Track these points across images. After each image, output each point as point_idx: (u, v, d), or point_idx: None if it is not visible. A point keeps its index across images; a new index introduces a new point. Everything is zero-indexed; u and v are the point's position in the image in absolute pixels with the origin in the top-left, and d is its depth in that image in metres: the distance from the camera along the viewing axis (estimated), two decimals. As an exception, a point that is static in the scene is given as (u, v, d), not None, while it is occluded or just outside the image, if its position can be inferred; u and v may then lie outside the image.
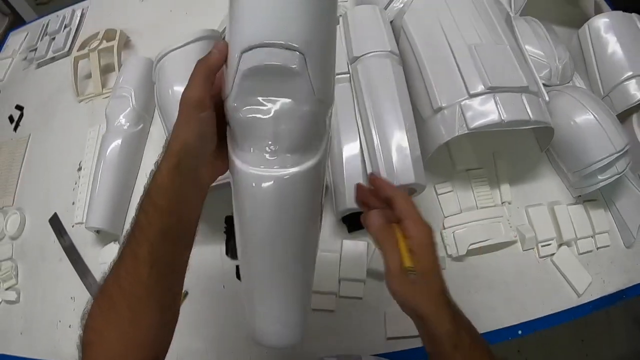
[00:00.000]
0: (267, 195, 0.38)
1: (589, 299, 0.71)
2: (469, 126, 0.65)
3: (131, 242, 0.38)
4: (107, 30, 1.02)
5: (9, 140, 0.98)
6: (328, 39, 0.37)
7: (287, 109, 0.36)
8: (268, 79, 0.35)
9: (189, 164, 0.38)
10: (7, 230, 0.84)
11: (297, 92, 0.35)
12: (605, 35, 0.86)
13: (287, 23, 0.34)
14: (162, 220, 0.37)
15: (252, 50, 0.34)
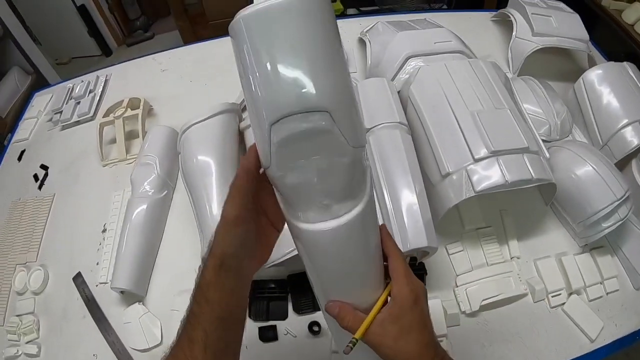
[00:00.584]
0: (335, 244, 0.41)
1: (602, 344, 0.72)
2: (475, 189, 0.69)
3: (187, 328, 0.43)
4: (132, 99, 1.07)
5: (33, 198, 1.01)
6: (345, 86, 0.38)
7: (328, 165, 0.38)
8: (302, 142, 0.36)
9: (231, 265, 0.42)
10: (30, 285, 0.85)
11: (333, 147, 0.37)
12: (599, 87, 0.91)
13: (306, 89, 0.35)
14: (212, 310, 0.42)
15: (280, 122, 0.35)
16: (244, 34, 0.35)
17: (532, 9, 1.07)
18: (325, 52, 0.36)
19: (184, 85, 1.20)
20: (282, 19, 0.34)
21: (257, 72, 0.36)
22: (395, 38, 0.98)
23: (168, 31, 3.24)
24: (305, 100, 0.35)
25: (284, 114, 0.35)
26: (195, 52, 1.31)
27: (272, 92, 0.35)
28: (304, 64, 0.35)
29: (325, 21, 0.36)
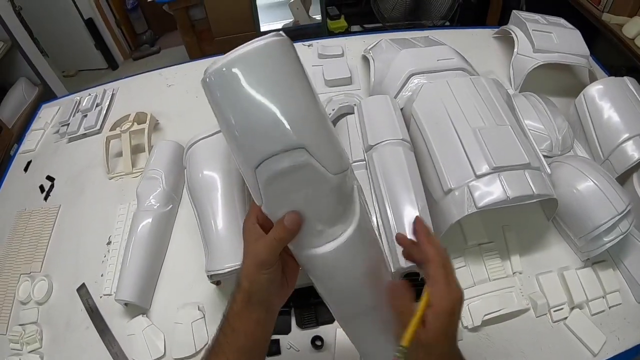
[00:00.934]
0: (335, 264, 0.44)
1: (605, 358, 0.72)
2: (477, 205, 0.69)
3: (210, 356, 0.45)
4: (138, 113, 1.09)
5: (39, 209, 1.02)
6: (317, 119, 0.40)
7: (314, 194, 0.40)
8: (286, 178, 0.39)
9: (260, 299, 0.44)
10: (33, 295, 0.86)
11: (314, 178, 0.40)
12: (600, 101, 0.92)
13: (279, 131, 0.37)
14: (237, 340, 0.43)
15: (262, 165, 0.38)
16: (213, 88, 0.39)
17: (533, 26, 1.09)
18: (292, 93, 0.39)
19: (190, 100, 1.21)
20: (246, 70, 0.37)
21: (232, 122, 0.39)
22: (398, 56, 0.99)
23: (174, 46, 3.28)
24: (281, 142, 0.38)
25: (263, 157, 0.38)
26: (201, 68, 1.27)
27: (248, 139, 0.38)
28: (272, 108, 0.37)
29: (287, 63, 0.39)
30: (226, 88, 0.38)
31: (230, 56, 0.38)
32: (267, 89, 0.37)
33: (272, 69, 0.38)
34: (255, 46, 0.38)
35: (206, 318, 0.78)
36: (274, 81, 0.38)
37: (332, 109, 1.02)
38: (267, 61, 0.38)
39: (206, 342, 0.75)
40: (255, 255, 0.43)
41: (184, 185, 0.91)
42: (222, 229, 0.72)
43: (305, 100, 0.39)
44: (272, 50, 0.38)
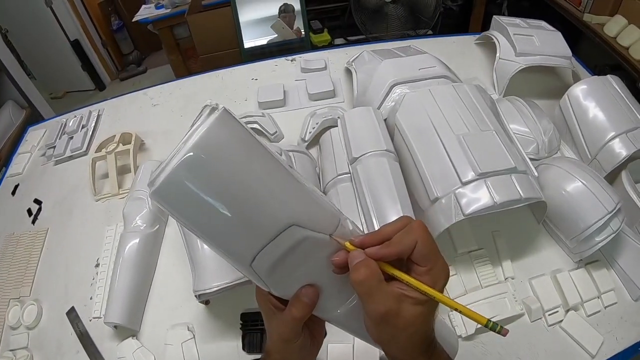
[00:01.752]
0: (352, 318, 0.43)
1: (603, 359, 0.71)
2: (464, 212, 0.69)
3: None
4: (123, 134, 1.08)
5: (27, 233, 1.01)
6: (295, 190, 0.38)
7: (320, 262, 0.39)
8: (286, 260, 0.36)
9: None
10: (23, 320, 0.84)
11: (314, 246, 0.38)
12: (584, 101, 0.92)
13: (261, 221, 0.34)
14: None
15: (256, 260, 0.36)
16: (168, 203, 0.34)
17: (514, 30, 1.10)
18: (259, 174, 0.35)
19: (175, 119, 1.21)
20: (199, 170, 0.33)
21: (206, 230, 0.35)
22: (379, 66, 1.00)
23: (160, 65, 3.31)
24: (268, 230, 0.35)
25: (255, 253, 0.35)
26: (186, 87, 1.33)
27: (231, 240, 0.35)
28: (245, 200, 0.34)
29: (238, 142, 0.34)
30: (184, 197, 0.33)
31: (173, 162, 0.32)
32: (231, 181, 0.33)
33: (227, 155, 0.33)
34: (197, 138, 0.32)
35: (196, 338, 0.76)
36: (235, 170, 0.33)
37: (316, 122, 1.01)
38: (216, 151, 0.33)
39: (197, 363, 0.74)
40: (280, 334, 0.42)
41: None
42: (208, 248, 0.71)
43: (275, 174, 0.36)
44: (216, 135, 0.33)
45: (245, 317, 0.76)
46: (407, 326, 0.37)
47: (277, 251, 0.36)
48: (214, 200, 0.33)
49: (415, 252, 0.37)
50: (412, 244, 0.37)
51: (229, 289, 0.67)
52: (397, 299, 0.37)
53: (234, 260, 0.37)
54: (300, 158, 0.86)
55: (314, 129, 1.00)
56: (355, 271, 0.37)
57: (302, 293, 0.40)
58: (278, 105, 1.18)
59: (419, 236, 0.38)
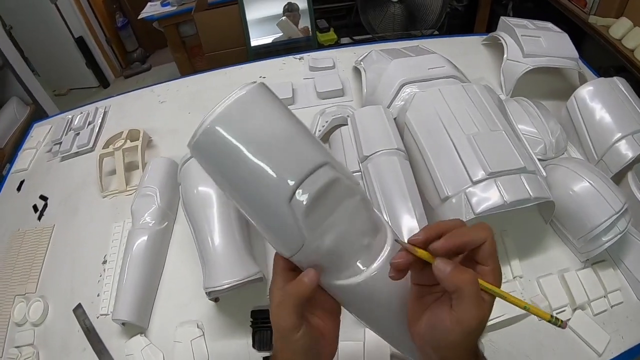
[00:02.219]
0: (375, 288, 0.41)
1: (610, 357, 0.71)
2: (475, 211, 0.69)
3: None
4: (131, 131, 1.08)
5: (33, 229, 1.00)
6: (320, 143, 0.41)
7: (350, 210, 0.40)
8: (322, 200, 0.38)
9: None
10: (29, 317, 0.84)
11: (345, 191, 0.39)
12: (591, 103, 0.92)
13: (302, 155, 0.38)
14: None
15: (296, 194, 0.37)
16: (219, 141, 0.38)
17: (521, 31, 1.10)
18: (294, 122, 0.40)
19: (183, 116, 1.21)
20: (243, 113, 0.38)
21: (246, 168, 0.37)
22: (389, 66, 1.00)
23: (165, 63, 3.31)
24: (307, 163, 0.38)
25: (297, 183, 0.37)
26: (193, 84, 1.33)
27: (271, 176, 0.37)
28: (288, 136, 0.38)
29: (273, 100, 0.40)
30: (230, 137, 0.37)
31: (222, 106, 0.38)
32: (269, 125, 0.38)
33: (266, 105, 0.39)
34: (243, 92, 0.39)
35: (205, 336, 0.76)
36: (275, 115, 0.39)
37: (326, 121, 1.02)
38: (257, 99, 0.39)
39: None
40: (276, 321, 0.41)
41: (179, 201, 0.91)
42: (219, 245, 0.71)
43: (305, 129, 0.41)
44: (258, 91, 0.39)
45: (255, 314, 0.76)
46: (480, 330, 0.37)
47: (317, 184, 0.37)
48: (265, 134, 0.38)
49: (484, 249, 0.37)
50: (481, 239, 0.37)
51: (239, 286, 0.67)
52: (447, 306, 0.37)
53: (271, 198, 0.38)
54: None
55: (323, 127, 1.00)
56: (460, 272, 0.36)
57: (304, 272, 0.40)
58: (287, 103, 1.18)
59: (489, 235, 0.37)
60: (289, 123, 0.39)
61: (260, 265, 0.72)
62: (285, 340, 0.40)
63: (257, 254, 0.77)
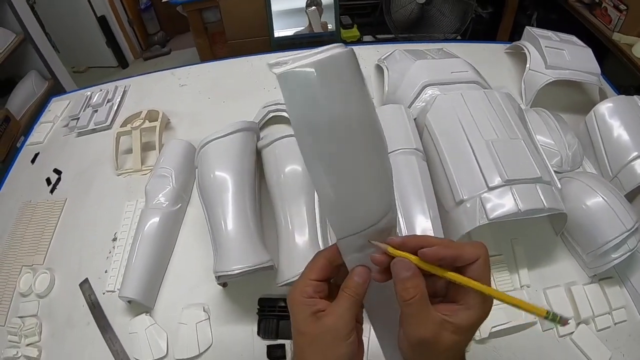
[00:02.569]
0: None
1: (610, 374, 0.71)
2: (488, 217, 0.69)
3: None
4: (150, 111, 1.09)
5: (44, 202, 1.01)
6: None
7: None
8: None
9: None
10: (35, 288, 0.85)
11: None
12: (610, 120, 0.92)
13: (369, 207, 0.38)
14: None
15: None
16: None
17: (545, 42, 1.09)
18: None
19: (202, 101, 1.22)
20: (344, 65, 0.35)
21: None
22: (412, 66, 1.00)
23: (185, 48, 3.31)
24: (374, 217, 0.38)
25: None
26: (215, 70, 1.33)
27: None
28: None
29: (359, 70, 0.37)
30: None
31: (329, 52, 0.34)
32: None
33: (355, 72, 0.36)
34: (336, 52, 0.35)
35: (211, 320, 0.77)
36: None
37: (345, 116, 1.01)
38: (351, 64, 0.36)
39: (210, 344, 0.74)
40: (333, 328, 0.38)
41: (194, 184, 0.91)
42: (232, 230, 0.71)
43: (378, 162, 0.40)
44: (349, 58, 0.36)
45: (262, 302, 0.76)
46: (443, 351, 0.37)
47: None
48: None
49: (475, 266, 0.37)
50: (474, 256, 0.37)
51: (249, 273, 0.67)
52: (440, 325, 0.36)
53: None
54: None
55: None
56: (404, 290, 0.37)
57: (355, 272, 0.39)
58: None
59: (483, 253, 0.37)
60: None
61: (271, 254, 0.73)
62: (336, 343, 0.38)
63: (268, 244, 0.77)
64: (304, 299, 0.40)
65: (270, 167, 0.79)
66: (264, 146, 0.82)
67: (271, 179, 0.78)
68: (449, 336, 0.36)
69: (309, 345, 0.39)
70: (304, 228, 0.72)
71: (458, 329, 0.37)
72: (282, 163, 0.78)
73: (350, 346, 0.38)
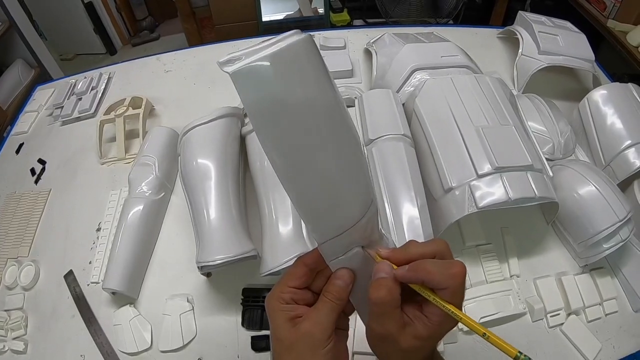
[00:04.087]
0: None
1: (600, 366, 0.71)
2: (478, 205, 0.68)
3: None
4: (134, 98, 1.06)
5: (29, 192, 0.99)
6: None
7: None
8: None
9: None
10: (20, 281, 0.84)
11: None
12: (603, 107, 0.90)
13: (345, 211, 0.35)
14: None
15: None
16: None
17: (539, 27, 1.08)
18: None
19: (188, 87, 1.20)
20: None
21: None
22: (401, 50, 0.98)
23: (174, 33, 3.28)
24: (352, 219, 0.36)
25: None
26: (200, 55, 1.31)
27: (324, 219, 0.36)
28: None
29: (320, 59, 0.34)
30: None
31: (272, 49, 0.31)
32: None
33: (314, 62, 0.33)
34: (292, 41, 0.31)
35: (195, 310, 0.76)
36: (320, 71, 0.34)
37: (332, 101, 0.99)
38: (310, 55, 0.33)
39: (194, 335, 0.73)
40: (310, 334, 0.37)
41: (178, 173, 0.89)
42: (215, 219, 0.70)
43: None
44: (307, 46, 0.32)
45: (247, 292, 0.75)
46: (404, 350, 0.37)
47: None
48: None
49: (446, 294, 0.35)
50: (446, 284, 0.35)
51: (233, 262, 0.66)
52: (401, 328, 0.36)
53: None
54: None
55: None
56: (375, 289, 0.36)
57: (337, 274, 0.38)
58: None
59: (456, 283, 0.35)
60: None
61: (255, 243, 0.71)
62: (313, 351, 0.37)
63: (252, 232, 0.76)
64: (281, 305, 0.39)
65: (254, 154, 0.77)
66: (248, 132, 0.80)
67: (254, 166, 0.76)
68: (409, 340, 0.36)
69: (286, 352, 0.38)
70: (287, 217, 0.70)
71: (417, 337, 0.36)
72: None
73: (328, 354, 0.37)
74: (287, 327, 0.38)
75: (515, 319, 0.74)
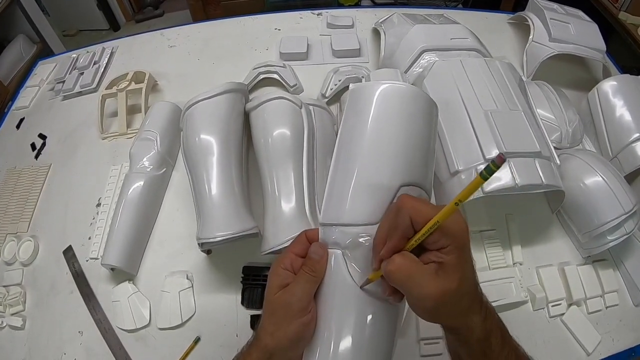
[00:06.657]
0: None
1: (598, 358, 0.71)
2: (484, 190, 0.67)
3: None
4: (137, 72, 1.05)
5: (29, 167, 0.99)
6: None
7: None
8: None
9: (281, 358, 0.39)
10: (19, 256, 0.83)
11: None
12: (613, 98, 0.89)
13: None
14: None
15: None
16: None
17: (550, 14, 1.05)
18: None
19: (191, 63, 1.18)
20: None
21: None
22: (411, 30, 0.96)
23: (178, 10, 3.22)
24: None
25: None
26: (205, 31, 1.29)
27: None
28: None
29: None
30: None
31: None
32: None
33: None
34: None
35: (194, 288, 0.75)
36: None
37: (339, 79, 0.98)
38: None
39: (193, 313, 0.73)
40: (288, 303, 0.39)
41: (180, 148, 0.89)
42: (217, 195, 0.68)
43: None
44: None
45: (247, 270, 0.74)
46: (442, 298, 0.36)
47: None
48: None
49: (415, 224, 0.36)
50: (407, 220, 0.35)
51: (234, 240, 0.65)
52: (425, 275, 0.36)
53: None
54: (320, 113, 0.83)
55: (335, 86, 0.97)
56: (389, 263, 0.36)
57: (311, 250, 0.40)
58: (300, 58, 1.14)
59: (410, 209, 0.35)
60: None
61: (257, 221, 0.70)
62: (288, 319, 0.38)
63: (254, 210, 0.75)
64: (279, 270, 0.41)
65: (258, 131, 0.76)
66: (252, 108, 0.78)
67: (258, 142, 0.75)
68: (437, 281, 0.36)
69: (270, 315, 0.40)
70: (290, 195, 0.69)
71: (441, 273, 0.36)
72: (270, 126, 0.74)
73: (301, 325, 0.38)
74: (275, 292, 0.40)
75: (517, 306, 0.74)
